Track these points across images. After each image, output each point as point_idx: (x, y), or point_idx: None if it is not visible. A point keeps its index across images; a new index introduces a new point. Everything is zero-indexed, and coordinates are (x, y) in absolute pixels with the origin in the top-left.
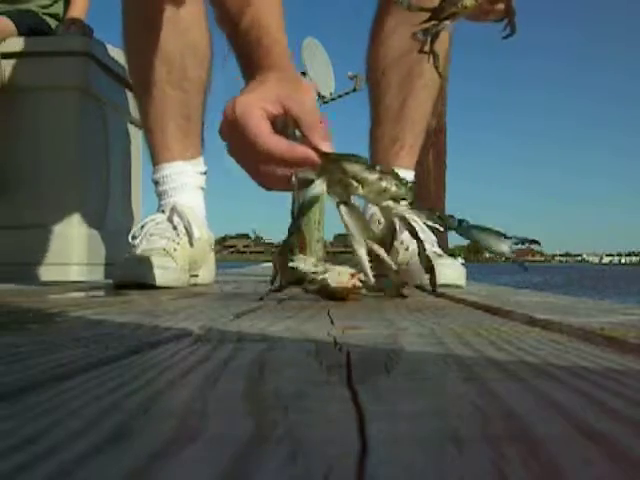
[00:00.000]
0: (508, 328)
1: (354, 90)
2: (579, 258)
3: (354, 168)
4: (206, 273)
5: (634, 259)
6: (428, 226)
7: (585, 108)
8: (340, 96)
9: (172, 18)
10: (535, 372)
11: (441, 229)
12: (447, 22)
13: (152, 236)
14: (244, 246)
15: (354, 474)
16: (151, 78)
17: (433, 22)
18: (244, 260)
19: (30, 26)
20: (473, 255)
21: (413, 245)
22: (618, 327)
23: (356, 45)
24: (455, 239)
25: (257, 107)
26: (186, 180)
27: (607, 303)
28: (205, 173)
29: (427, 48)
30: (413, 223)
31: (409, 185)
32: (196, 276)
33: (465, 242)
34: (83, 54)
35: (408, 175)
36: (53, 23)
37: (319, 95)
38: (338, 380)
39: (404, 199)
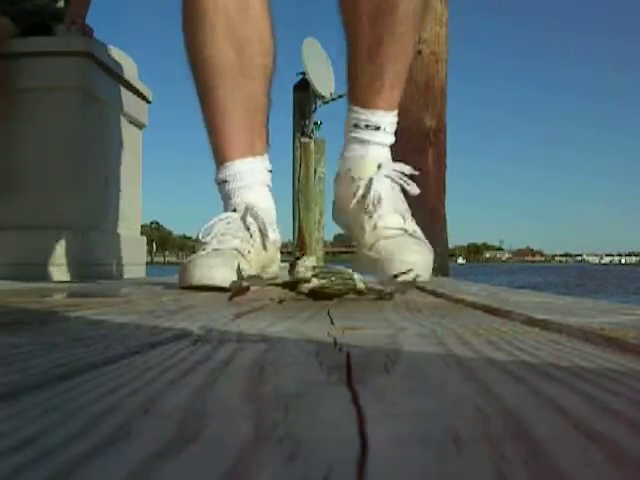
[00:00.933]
0: (508, 328)
1: None
2: (579, 258)
3: None
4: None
5: (634, 259)
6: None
7: (586, 107)
8: (340, 96)
9: (242, 5)
10: (535, 372)
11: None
12: None
13: (224, 236)
14: None
15: (354, 474)
16: (220, 64)
17: None
18: None
19: (30, 26)
20: (473, 255)
21: (390, 232)
22: (618, 327)
23: None
24: (455, 239)
25: None
26: (256, 177)
27: (607, 303)
28: (270, 171)
29: None
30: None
31: None
32: None
33: (465, 242)
34: (83, 54)
35: (390, 116)
36: (53, 23)
37: (319, 95)
38: (338, 380)
39: None
